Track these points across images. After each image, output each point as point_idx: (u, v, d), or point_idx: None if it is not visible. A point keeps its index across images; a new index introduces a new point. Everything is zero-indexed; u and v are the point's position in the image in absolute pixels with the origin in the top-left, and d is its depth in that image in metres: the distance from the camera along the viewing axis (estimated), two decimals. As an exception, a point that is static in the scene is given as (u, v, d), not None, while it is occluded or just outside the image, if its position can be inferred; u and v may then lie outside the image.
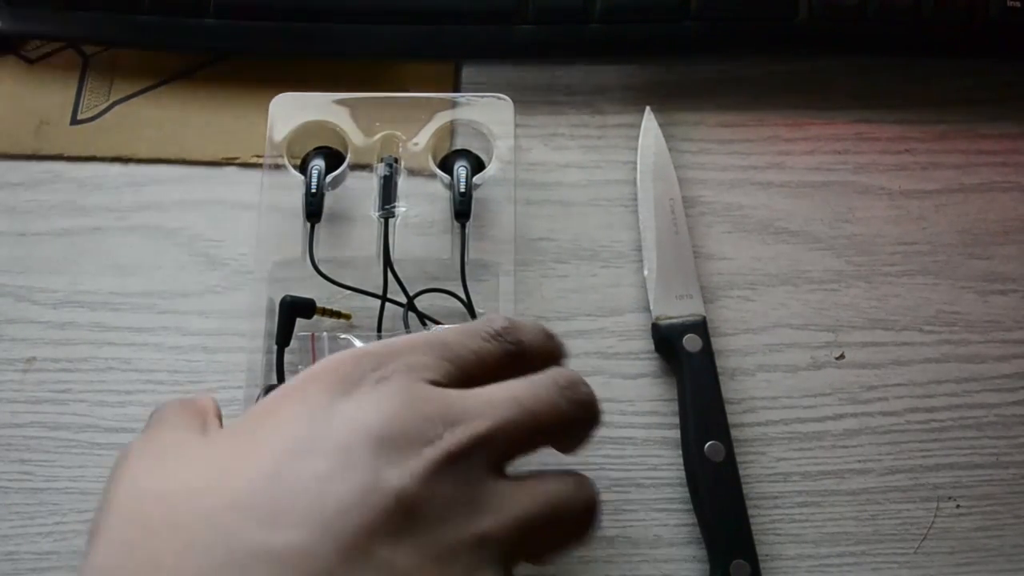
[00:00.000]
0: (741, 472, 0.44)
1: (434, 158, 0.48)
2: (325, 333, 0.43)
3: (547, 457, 0.34)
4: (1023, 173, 0.52)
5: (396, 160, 0.47)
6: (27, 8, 0.52)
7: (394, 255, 0.45)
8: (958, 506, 0.44)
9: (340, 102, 0.48)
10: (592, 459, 0.45)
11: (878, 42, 0.53)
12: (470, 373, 0.32)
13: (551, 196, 0.50)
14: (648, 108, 0.51)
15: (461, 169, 0.47)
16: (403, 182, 0.47)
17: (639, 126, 0.51)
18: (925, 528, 0.44)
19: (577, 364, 0.46)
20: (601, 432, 0.45)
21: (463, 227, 0.46)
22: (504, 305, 0.45)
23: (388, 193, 0.46)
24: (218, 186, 0.50)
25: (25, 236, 0.49)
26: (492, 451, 0.29)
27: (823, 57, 0.54)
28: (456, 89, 0.53)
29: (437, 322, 0.44)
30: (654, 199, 0.49)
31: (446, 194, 0.48)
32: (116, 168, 0.51)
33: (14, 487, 0.43)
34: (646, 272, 0.48)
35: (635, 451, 0.45)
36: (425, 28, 0.52)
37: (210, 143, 0.51)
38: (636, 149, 0.51)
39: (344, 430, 0.28)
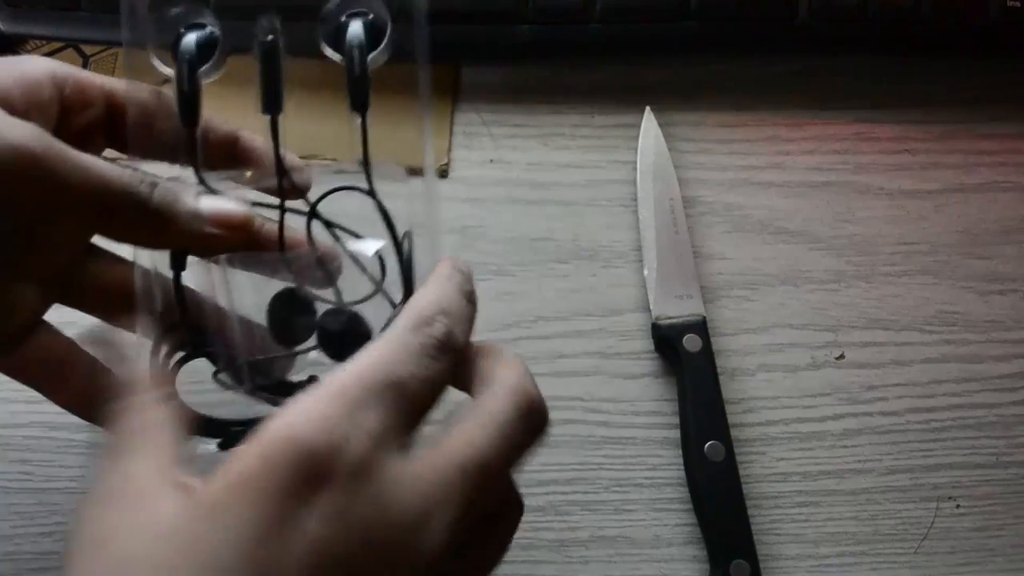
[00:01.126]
0: (741, 472, 0.44)
1: (321, 34, 0.37)
2: (224, 256, 0.36)
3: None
4: (1023, 173, 0.52)
5: (276, 32, 0.36)
6: (27, 8, 0.52)
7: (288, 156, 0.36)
8: (958, 506, 0.44)
9: None
10: (592, 459, 0.45)
11: (878, 42, 0.53)
12: (427, 407, 0.30)
13: (551, 196, 0.50)
14: (648, 108, 0.51)
15: (354, 42, 0.36)
16: (289, 61, 0.36)
17: (639, 126, 0.51)
18: (925, 528, 0.44)
19: (577, 364, 0.46)
20: (601, 432, 0.45)
21: (363, 118, 0.36)
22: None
23: (271, 80, 0.36)
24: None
25: (25, 236, 0.49)
26: (462, 533, 0.28)
27: (823, 57, 0.54)
28: (456, 88, 0.53)
29: (345, 228, 0.37)
30: (654, 199, 0.49)
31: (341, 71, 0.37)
32: (116, 168, 0.51)
33: (14, 487, 0.43)
34: (646, 272, 0.48)
35: (635, 451, 0.45)
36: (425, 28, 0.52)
37: (210, 143, 0.51)
38: (636, 149, 0.51)
39: (303, 558, 0.25)
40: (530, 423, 0.30)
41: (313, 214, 0.37)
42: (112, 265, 0.39)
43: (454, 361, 0.30)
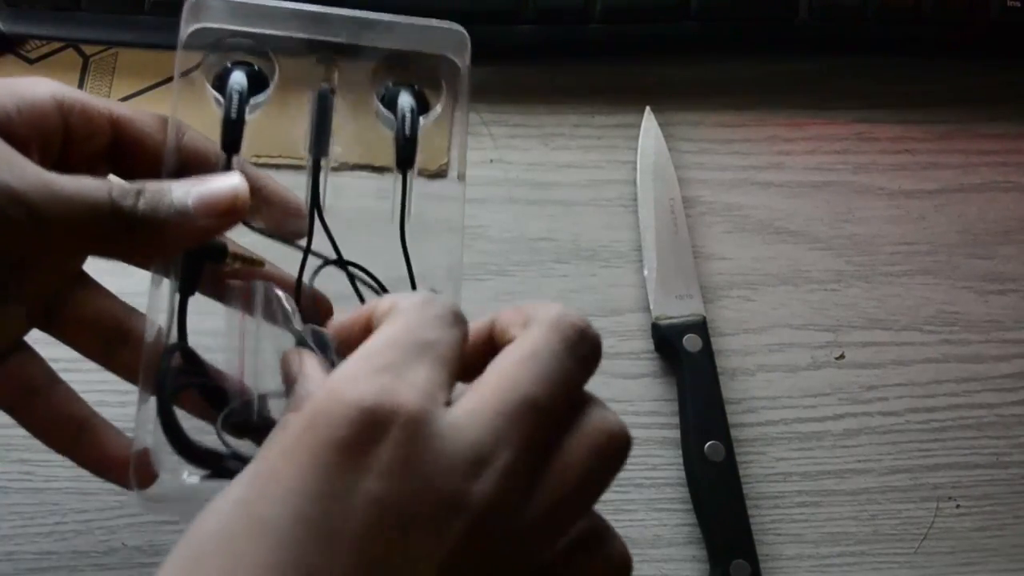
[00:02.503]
0: (741, 472, 0.44)
1: (375, 92, 0.41)
2: (261, 283, 0.36)
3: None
4: (1023, 173, 0.52)
5: (332, 90, 0.39)
6: (27, 8, 0.52)
7: (326, 203, 0.38)
8: (958, 506, 0.44)
9: (271, 12, 0.39)
10: (592, 459, 0.45)
11: (878, 42, 0.53)
12: (458, 368, 0.28)
13: (551, 196, 0.50)
14: (648, 108, 0.51)
15: (406, 108, 0.39)
16: (341, 117, 0.39)
17: (639, 126, 0.51)
18: (925, 528, 0.44)
19: (577, 364, 0.46)
20: (601, 432, 0.45)
21: (405, 176, 0.39)
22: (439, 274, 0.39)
23: (321, 129, 0.38)
24: (218, 186, 0.50)
25: (25, 236, 0.49)
26: (525, 476, 0.26)
27: (823, 57, 0.54)
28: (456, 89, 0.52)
29: (373, 284, 0.38)
30: (654, 199, 0.49)
31: (389, 135, 0.40)
32: (116, 168, 0.51)
33: (14, 487, 0.43)
34: (646, 272, 0.48)
35: (635, 451, 0.44)
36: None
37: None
38: (636, 149, 0.51)
39: (362, 516, 0.25)
40: (578, 351, 0.28)
41: (340, 264, 0.38)
42: (96, 298, 0.38)
43: (466, 332, 0.29)
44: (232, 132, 0.37)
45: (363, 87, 0.40)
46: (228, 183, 0.33)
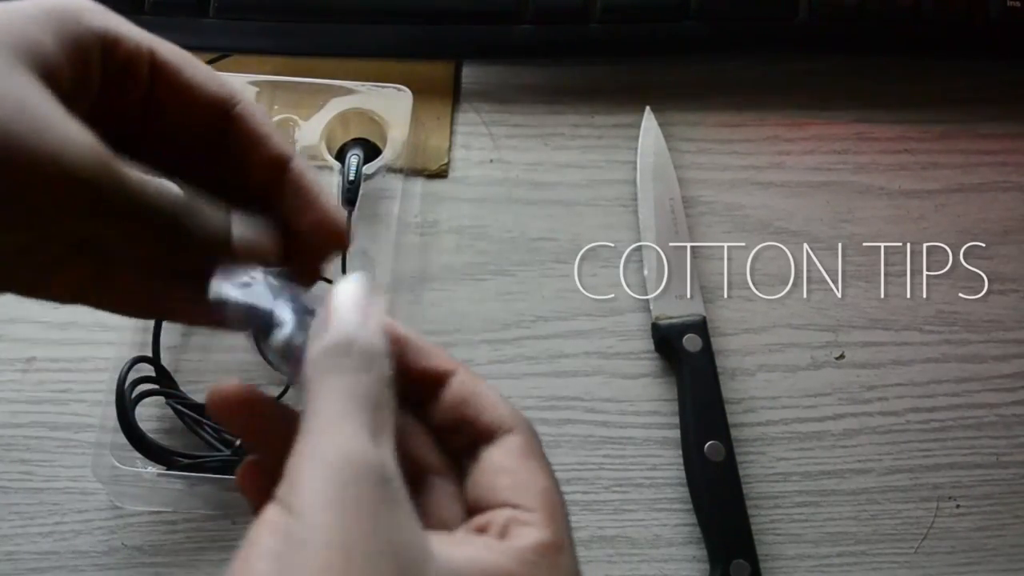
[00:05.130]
0: (741, 472, 0.44)
1: (331, 146, 0.48)
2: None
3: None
4: (1023, 173, 0.52)
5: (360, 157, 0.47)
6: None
7: None
8: (958, 506, 0.44)
9: (243, 84, 0.48)
10: (592, 459, 0.45)
11: (878, 42, 0.53)
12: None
13: (551, 196, 0.50)
14: (648, 108, 0.51)
15: (352, 157, 0.47)
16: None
17: (639, 126, 0.51)
18: (925, 528, 0.44)
19: (577, 364, 0.46)
20: (601, 432, 0.45)
21: (349, 215, 0.46)
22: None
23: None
24: (218, 186, 0.50)
25: (25, 236, 0.49)
26: None
27: (823, 57, 0.54)
28: (456, 88, 0.53)
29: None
30: (654, 199, 0.49)
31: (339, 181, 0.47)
32: (116, 168, 0.50)
33: (14, 487, 0.43)
34: (646, 272, 0.48)
35: (635, 451, 0.45)
36: (425, 28, 0.52)
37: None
38: (636, 149, 0.51)
39: None
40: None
41: None
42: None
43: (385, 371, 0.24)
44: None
45: (318, 141, 0.48)
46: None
